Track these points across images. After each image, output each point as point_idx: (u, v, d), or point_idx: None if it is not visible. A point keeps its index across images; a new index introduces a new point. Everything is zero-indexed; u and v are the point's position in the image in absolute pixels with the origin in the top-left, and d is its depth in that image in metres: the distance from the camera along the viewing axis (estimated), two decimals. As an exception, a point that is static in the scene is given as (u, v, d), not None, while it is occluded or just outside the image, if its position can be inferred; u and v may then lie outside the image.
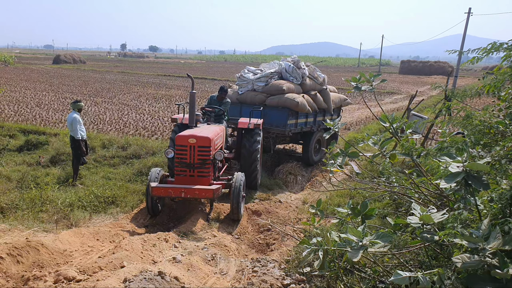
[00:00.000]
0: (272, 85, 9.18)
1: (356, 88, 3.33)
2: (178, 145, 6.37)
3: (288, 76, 9.57)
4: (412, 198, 3.55)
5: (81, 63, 55.50)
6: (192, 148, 6.30)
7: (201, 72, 43.97)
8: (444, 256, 2.88)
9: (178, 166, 6.40)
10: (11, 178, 7.91)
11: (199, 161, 6.33)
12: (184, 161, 6.34)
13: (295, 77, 9.53)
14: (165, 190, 6.03)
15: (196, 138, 6.31)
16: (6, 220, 5.88)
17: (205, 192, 5.95)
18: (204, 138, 6.35)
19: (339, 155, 3.27)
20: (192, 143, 6.30)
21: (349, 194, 7.06)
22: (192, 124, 7.08)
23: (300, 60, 9.87)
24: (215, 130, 7.10)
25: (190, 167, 6.34)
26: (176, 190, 5.99)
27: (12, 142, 10.24)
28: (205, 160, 6.34)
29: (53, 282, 3.70)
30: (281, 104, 8.93)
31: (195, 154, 6.31)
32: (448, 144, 3.40)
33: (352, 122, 16.09)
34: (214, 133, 6.82)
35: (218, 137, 6.92)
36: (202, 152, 6.33)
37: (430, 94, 27.23)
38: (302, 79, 9.59)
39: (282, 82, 9.16)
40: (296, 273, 4.03)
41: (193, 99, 7.01)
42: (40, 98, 18.37)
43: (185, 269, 4.22)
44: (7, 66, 40.59)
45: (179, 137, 6.40)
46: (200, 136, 6.36)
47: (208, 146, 6.34)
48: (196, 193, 5.94)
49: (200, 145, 6.32)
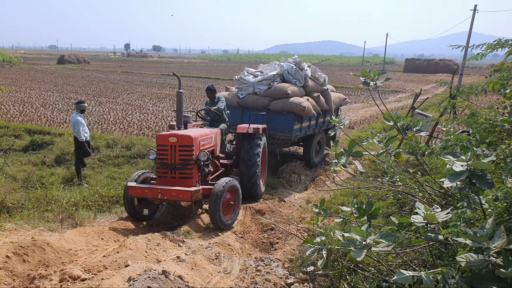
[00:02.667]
0: (275, 88, 8.79)
1: (364, 83, 3.31)
2: (159, 144, 6.08)
3: (290, 78, 9.22)
4: (416, 197, 3.54)
5: (85, 63, 55.74)
6: (173, 148, 5.97)
7: (204, 72, 44.01)
8: (448, 255, 2.87)
9: (160, 167, 6.08)
10: (17, 178, 7.97)
11: (181, 162, 5.97)
12: (165, 161, 6.00)
13: (297, 79, 9.21)
14: (142, 190, 5.77)
15: (177, 137, 5.98)
16: (12, 219, 5.92)
17: (182, 194, 5.61)
18: (186, 137, 6.02)
19: (343, 154, 3.25)
20: (173, 142, 5.97)
21: (352, 193, 7.04)
22: (180, 125, 6.70)
23: (302, 60, 9.62)
24: (203, 131, 6.76)
25: (171, 168, 5.99)
26: (153, 191, 5.73)
27: (17, 142, 10.31)
28: (187, 160, 5.97)
29: (58, 281, 3.72)
30: (286, 109, 8.57)
31: (176, 154, 5.97)
32: (453, 142, 3.38)
33: (356, 121, 16.05)
34: (200, 133, 6.48)
35: (205, 138, 6.53)
36: (183, 152, 5.99)
37: (435, 92, 27.10)
38: (304, 80, 9.31)
39: (286, 85, 8.80)
40: (299, 272, 4.03)
41: (180, 99, 6.67)
42: (45, 98, 18.48)
43: (189, 268, 4.24)
44: (12, 67, 40.82)
45: (159, 136, 6.13)
46: (181, 134, 6.04)
47: (190, 145, 6.00)
48: (173, 194, 5.63)
49: (182, 144, 5.98)
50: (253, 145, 7.33)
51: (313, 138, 9.86)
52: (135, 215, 6.29)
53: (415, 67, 56.07)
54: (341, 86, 28.45)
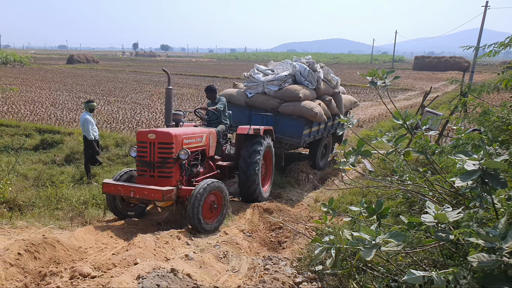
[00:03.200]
0: (286, 90, 8.34)
1: (371, 83, 3.28)
2: (138, 141, 5.85)
3: (303, 80, 8.76)
4: (426, 197, 3.50)
5: (94, 62, 56.18)
6: (152, 145, 5.72)
7: (212, 71, 44.09)
8: (459, 255, 2.84)
9: (139, 165, 5.86)
10: (28, 176, 8.06)
11: (160, 160, 5.72)
12: (144, 159, 5.77)
13: (310, 81, 8.75)
14: (115, 187, 5.58)
15: (156, 134, 5.74)
16: (24, 217, 6.00)
17: (154, 193, 5.32)
18: (165, 134, 5.76)
19: (351, 153, 3.22)
20: (152, 139, 5.72)
21: (361, 192, 6.99)
22: (168, 122, 6.49)
23: (315, 62, 9.15)
24: (190, 129, 6.50)
25: (150, 166, 5.75)
26: (126, 188, 5.50)
27: (28, 141, 10.44)
28: (166, 158, 5.71)
29: (69, 278, 3.76)
30: (296, 113, 8.17)
31: (155, 151, 5.72)
32: (464, 141, 3.34)
33: (365, 119, 15.95)
34: (185, 131, 6.20)
35: (191, 137, 6.20)
36: (162, 149, 5.73)
37: (445, 90, 26.83)
38: (317, 83, 8.86)
39: (297, 87, 8.35)
40: (308, 271, 4.02)
41: (169, 95, 6.47)
42: (55, 98, 18.66)
43: (197, 266, 4.25)
44: (23, 67, 41.31)
45: (139, 132, 5.89)
46: (160, 131, 5.82)
47: (169, 142, 5.72)
48: (144, 193, 5.37)
49: (161, 141, 5.72)
50: (253, 148, 6.97)
51: (320, 142, 9.56)
52: (117, 214, 6.12)
53: (425, 65, 55.53)
54: (350, 85, 28.30)
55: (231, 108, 8.80)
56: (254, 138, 7.09)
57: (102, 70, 41.56)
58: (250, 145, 7.01)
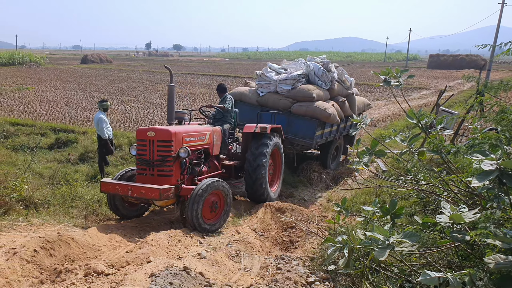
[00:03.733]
0: (299, 90, 8.16)
1: (385, 82, 3.24)
2: (138, 139, 5.81)
3: (316, 80, 8.56)
4: (441, 197, 3.45)
5: (108, 62, 56.80)
6: (151, 143, 5.67)
7: (224, 70, 44.21)
8: (475, 257, 2.79)
9: (139, 164, 5.81)
10: (43, 175, 8.20)
11: (159, 158, 5.66)
12: (144, 157, 5.73)
13: (324, 81, 8.56)
14: (113, 186, 5.53)
15: (155, 131, 5.68)
16: (39, 215, 6.10)
17: (151, 192, 5.25)
18: (164, 131, 5.69)
19: (365, 153, 3.18)
20: (151, 137, 5.66)
21: (375, 192, 6.93)
22: (171, 120, 6.41)
23: (330, 62, 8.97)
24: (192, 127, 6.42)
25: (149, 165, 5.70)
26: (124, 187, 5.44)
27: (43, 140, 10.60)
28: (165, 156, 5.64)
29: (83, 275, 3.81)
30: (309, 114, 8.00)
31: (154, 149, 5.66)
32: (480, 140, 3.28)
33: (378, 118, 15.80)
34: (186, 129, 6.11)
35: (192, 135, 6.10)
36: (161, 147, 5.66)
37: (460, 89, 26.40)
38: (330, 83, 8.67)
39: (311, 87, 8.16)
40: (320, 271, 4.00)
41: (171, 93, 6.40)
42: (69, 97, 18.94)
43: (209, 265, 4.26)
44: (38, 67, 42.05)
45: (138, 130, 5.84)
46: (159, 129, 5.77)
47: (168, 140, 5.65)
48: (142, 192, 5.30)
49: (160, 139, 5.66)
50: (260, 146, 6.81)
51: (331, 144, 9.41)
52: (118, 213, 6.09)
53: (440, 63, 54.62)
54: (363, 83, 28.07)
55: (242, 107, 8.75)
56: (261, 137, 6.93)
57: (115, 70, 42.01)
58: (256, 146, 6.84)
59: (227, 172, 7.12)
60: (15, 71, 35.04)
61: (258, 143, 6.86)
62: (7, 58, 42.00)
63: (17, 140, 10.53)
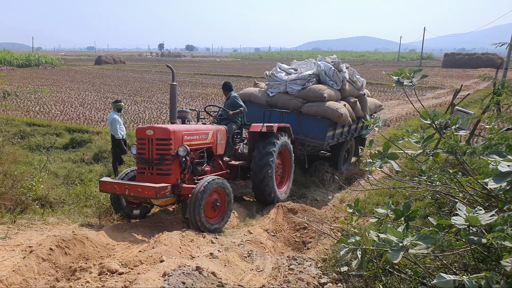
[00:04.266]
0: (310, 90, 8.06)
1: (397, 83, 3.19)
2: (137, 138, 5.82)
3: (327, 80, 8.44)
4: (456, 198, 3.39)
5: (121, 63, 57.44)
6: (150, 141, 5.65)
7: (236, 70, 44.28)
8: (492, 259, 2.74)
9: (139, 163, 5.82)
10: (58, 175, 8.33)
11: (158, 157, 5.63)
12: (143, 156, 5.72)
13: (335, 81, 8.43)
14: (111, 186, 5.52)
15: (154, 130, 5.66)
16: (55, 214, 6.20)
17: (147, 191, 5.20)
18: (163, 130, 5.66)
19: (377, 156, 3.13)
20: (150, 135, 5.64)
21: (388, 193, 6.86)
22: (173, 119, 6.36)
23: (341, 61, 8.88)
24: (193, 126, 6.36)
25: (148, 164, 5.68)
26: (121, 186, 5.42)
27: (58, 140, 10.78)
28: (164, 155, 5.61)
29: (97, 273, 3.86)
30: (320, 114, 7.89)
31: (153, 148, 5.64)
32: (497, 141, 3.21)
33: (392, 118, 15.65)
34: (186, 127, 6.07)
35: (193, 133, 6.08)
36: (160, 145, 5.64)
37: (476, 88, 25.97)
38: (342, 83, 8.57)
39: (322, 87, 8.05)
40: (333, 272, 3.97)
41: (173, 92, 6.36)
42: (84, 98, 19.21)
43: (222, 264, 4.27)
44: (53, 68, 42.81)
45: (138, 129, 5.85)
46: (158, 127, 5.74)
47: (167, 138, 5.62)
48: (138, 190, 5.25)
49: (158, 137, 5.63)
50: (265, 149, 6.70)
51: (342, 146, 9.28)
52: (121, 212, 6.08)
53: (455, 62, 53.71)
54: (376, 83, 27.83)
55: (251, 108, 8.72)
56: (268, 136, 6.84)
57: (128, 70, 42.46)
58: (263, 146, 6.75)
59: (233, 172, 7.07)
60: (31, 72, 35.71)
61: (265, 142, 6.78)
62: (23, 59, 42.87)
63: (33, 140, 10.72)
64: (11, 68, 39.10)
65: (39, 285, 3.69)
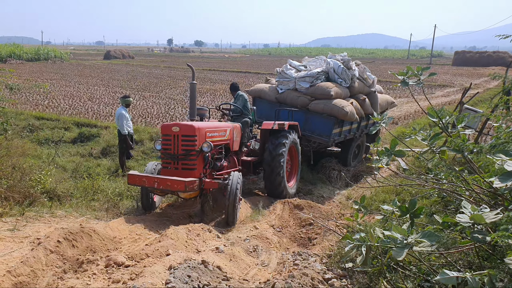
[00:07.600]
0: (318, 87, 8.16)
1: (403, 83, 3.19)
2: (163, 134, 6.02)
3: (336, 77, 8.51)
4: (462, 196, 3.38)
5: (130, 58, 57.62)
6: (176, 138, 5.88)
7: (245, 66, 44.23)
8: (496, 258, 2.73)
9: (164, 158, 6.04)
10: (66, 168, 8.43)
11: (183, 152, 5.87)
12: (169, 152, 5.94)
13: (344, 79, 8.51)
14: (140, 179, 5.71)
15: (180, 127, 5.91)
16: (62, 207, 6.28)
17: (177, 184, 5.43)
18: (188, 127, 5.91)
19: (384, 153, 3.13)
20: (176, 131, 5.88)
21: (395, 190, 6.84)
22: (193, 117, 6.55)
23: (351, 59, 8.90)
24: (213, 123, 6.68)
25: (174, 159, 5.92)
26: (150, 179, 5.63)
27: (67, 134, 10.89)
28: (189, 151, 5.86)
29: (104, 266, 3.91)
30: (327, 111, 7.98)
31: (179, 144, 5.88)
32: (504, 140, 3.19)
33: (400, 116, 15.56)
34: (208, 124, 6.35)
35: (214, 130, 6.35)
36: (186, 141, 5.88)
37: (486, 86, 25.67)
38: (351, 81, 8.61)
39: (329, 85, 8.14)
40: (337, 268, 3.98)
41: (193, 90, 6.52)
42: (92, 93, 19.34)
43: (227, 259, 4.31)
44: (63, 62, 43.14)
45: (163, 126, 6.08)
46: (184, 124, 5.97)
47: (192, 135, 5.87)
48: (168, 184, 5.48)
49: (184, 134, 5.88)
50: (277, 143, 7.01)
51: (352, 142, 9.31)
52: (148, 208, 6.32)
53: (465, 60, 53.08)
54: (385, 81, 27.63)
55: (260, 104, 8.79)
56: (279, 133, 7.15)
57: (137, 65, 42.61)
58: (275, 138, 7.08)
59: (245, 167, 7.33)
60: (41, 66, 36.04)
61: (276, 141, 7.06)
62: (33, 53, 43.24)
63: (42, 134, 10.85)
64: (21, 62, 39.48)
65: (46, 276, 3.75)
